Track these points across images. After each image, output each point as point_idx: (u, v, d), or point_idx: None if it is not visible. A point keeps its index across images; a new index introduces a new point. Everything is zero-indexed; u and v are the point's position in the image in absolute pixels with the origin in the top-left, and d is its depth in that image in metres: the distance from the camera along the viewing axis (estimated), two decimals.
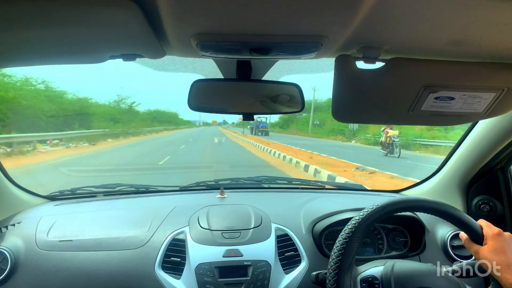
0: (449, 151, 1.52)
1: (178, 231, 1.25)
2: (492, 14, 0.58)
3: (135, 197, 1.62)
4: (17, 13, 0.59)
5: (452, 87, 0.80)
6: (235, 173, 7.69)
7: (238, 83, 1.00)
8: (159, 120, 42.44)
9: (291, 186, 1.84)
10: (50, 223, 1.28)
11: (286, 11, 0.58)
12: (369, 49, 0.75)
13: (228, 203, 1.51)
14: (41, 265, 1.16)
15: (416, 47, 0.76)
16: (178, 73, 1.24)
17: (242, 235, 1.23)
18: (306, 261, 1.23)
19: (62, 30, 0.68)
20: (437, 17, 0.60)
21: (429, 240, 1.34)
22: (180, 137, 23.88)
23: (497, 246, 0.82)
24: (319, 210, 1.39)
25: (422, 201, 0.92)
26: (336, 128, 25.38)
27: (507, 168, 1.40)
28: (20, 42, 0.74)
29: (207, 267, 1.13)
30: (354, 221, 0.88)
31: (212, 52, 0.77)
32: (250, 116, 1.04)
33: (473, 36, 0.67)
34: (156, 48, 0.78)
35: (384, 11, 0.58)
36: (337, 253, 0.85)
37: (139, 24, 0.64)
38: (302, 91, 0.99)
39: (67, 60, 0.92)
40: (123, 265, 1.16)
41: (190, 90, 0.96)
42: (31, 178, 6.45)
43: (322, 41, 0.70)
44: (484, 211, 1.42)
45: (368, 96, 0.83)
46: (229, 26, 0.64)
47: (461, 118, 0.91)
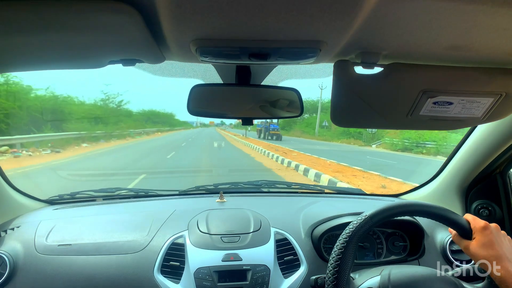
0: (448, 156, 1.53)
1: (178, 235, 1.25)
2: (490, 19, 0.58)
3: (134, 201, 1.62)
4: (16, 18, 0.60)
5: (450, 92, 0.80)
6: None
7: (238, 88, 1.01)
8: (154, 121, 40.39)
9: (290, 191, 1.84)
10: (49, 227, 1.28)
11: (285, 17, 0.58)
12: (367, 55, 0.75)
13: (227, 207, 1.51)
14: (40, 269, 1.15)
15: (414, 52, 0.76)
16: (177, 78, 1.24)
17: (241, 239, 1.23)
18: (305, 265, 1.22)
19: (61, 35, 0.68)
20: (435, 23, 0.60)
21: (428, 244, 1.34)
22: (172, 141, 21.14)
23: (484, 240, 0.82)
24: (318, 214, 1.39)
25: (410, 205, 0.92)
26: (351, 131, 21.98)
27: (506, 172, 1.40)
28: (19, 47, 0.74)
29: (206, 271, 1.13)
30: (352, 226, 0.88)
31: (212, 57, 0.78)
32: (250, 120, 1.04)
33: (472, 41, 0.68)
34: (155, 53, 0.78)
35: (383, 17, 0.58)
36: (335, 258, 0.85)
37: (139, 30, 0.64)
38: (301, 96, 1.00)
39: (67, 65, 0.93)
40: (122, 270, 1.16)
41: (189, 95, 0.97)
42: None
43: (321, 47, 0.70)
44: (483, 215, 1.42)
45: (366, 101, 0.83)
46: (228, 31, 0.65)
47: (459, 122, 0.91)
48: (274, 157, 11.55)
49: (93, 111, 22.77)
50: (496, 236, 0.83)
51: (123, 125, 24.05)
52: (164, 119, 47.43)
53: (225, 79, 1.04)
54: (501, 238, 0.83)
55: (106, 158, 11.55)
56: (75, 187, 4.27)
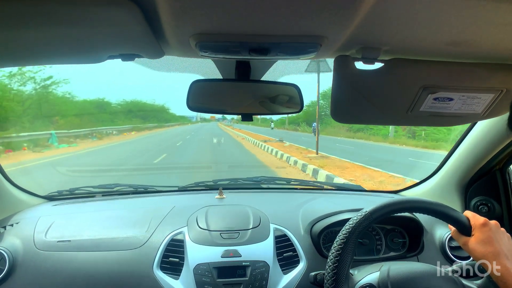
0: (448, 152, 1.53)
1: (177, 232, 1.25)
2: (491, 14, 0.58)
3: (133, 198, 1.61)
4: (15, 12, 0.59)
5: (451, 88, 0.80)
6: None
7: (237, 83, 1.00)
8: (137, 114, 30.01)
9: (289, 187, 1.84)
10: (48, 223, 1.28)
11: (285, 12, 0.58)
12: (368, 50, 0.75)
13: (226, 203, 1.51)
14: (39, 265, 1.15)
15: (415, 48, 0.76)
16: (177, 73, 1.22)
17: (241, 235, 1.23)
18: (304, 261, 1.23)
19: (60, 30, 0.68)
20: (436, 18, 0.60)
21: (427, 241, 1.34)
22: (133, 154, 11.45)
23: (483, 237, 0.82)
24: (318, 210, 1.39)
25: (410, 201, 0.92)
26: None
27: (505, 169, 1.40)
28: (17, 42, 0.74)
29: (205, 268, 1.13)
30: (352, 222, 0.88)
31: (211, 52, 0.77)
32: (249, 116, 1.04)
33: (473, 37, 0.67)
34: (155, 48, 0.78)
35: (383, 12, 0.58)
36: (335, 254, 0.85)
37: (138, 24, 0.63)
38: (301, 92, 0.99)
39: (65, 60, 0.92)
40: (122, 266, 1.16)
41: (189, 90, 0.96)
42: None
43: (321, 42, 0.70)
44: (483, 212, 1.42)
45: (367, 96, 0.83)
46: (228, 26, 0.64)
47: (459, 118, 0.91)
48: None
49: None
50: (495, 233, 0.83)
51: (63, 122, 15.93)
52: (153, 113, 37.86)
53: (225, 75, 1.04)
54: (500, 235, 0.83)
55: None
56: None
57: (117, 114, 24.46)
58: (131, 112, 29.50)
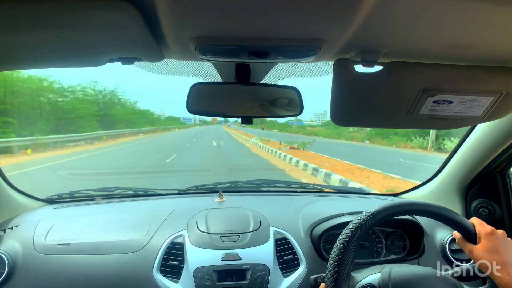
0: (448, 155, 1.53)
1: (177, 235, 1.25)
2: (491, 17, 0.58)
3: (133, 201, 1.61)
4: (15, 15, 0.59)
5: (451, 90, 0.80)
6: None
7: (237, 87, 1.00)
8: (109, 119, 21.75)
9: (290, 190, 1.84)
10: (48, 226, 1.28)
11: (284, 15, 0.58)
12: (367, 53, 0.75)
13: (226, 206, 1.50)
14: (39, 268, 1.15)
15: (414, 51, 0.76)
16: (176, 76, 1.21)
17: (241, 238, 1.23)
18: (304, 264, 1.22)
19: (60, 33, 0.68)
20: (436, 21, 0.60)
21: (428, 244, 1.34)
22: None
23: (490, 245, 0.82)
24: (318, 213, 1.39)
25: (415, 204, 0.92)
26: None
27: (506, 171, 1.40)
28: (17, 45, 0.74)
29: (205, 271, 1.12)
30: (352, 225, 0.87)
31: (211, 55, 0.77)
32: (249, 119, 1.04)
33: (472, 40, 0.67)
34: (155, 51, 0.78)
35: (383, 15, 0.58)
36: (335, 258, 0.85)
37: (138, 28, 0.64)
38: (301, 95, 1.00)
39: (65, 63, 0.92)
40: (121, 269, 1.16)
41: (188, 94, 0.96)
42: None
43: (320, 45, 0.70)
44: (483, 215, 1.42)
45: (366, 99, 0.82)
46: (227, 29, 0.64)
47: (459, 121, 0.91)
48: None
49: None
50: (502, 243, 0.83)
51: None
52: (139, 117, 28.42)
53: (225, 78, 1.04)
54: (507, 245, 0.83)
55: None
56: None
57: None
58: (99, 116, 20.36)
